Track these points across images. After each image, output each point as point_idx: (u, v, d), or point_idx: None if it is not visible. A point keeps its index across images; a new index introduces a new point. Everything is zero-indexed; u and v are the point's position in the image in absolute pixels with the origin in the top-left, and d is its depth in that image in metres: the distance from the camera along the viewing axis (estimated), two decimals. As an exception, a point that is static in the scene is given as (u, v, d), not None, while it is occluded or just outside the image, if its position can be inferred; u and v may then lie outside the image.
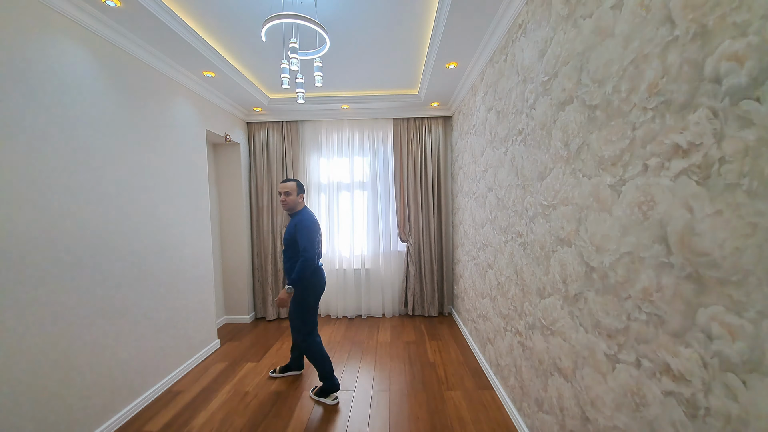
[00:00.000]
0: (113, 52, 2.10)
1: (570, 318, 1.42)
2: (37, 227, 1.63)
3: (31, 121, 1.61)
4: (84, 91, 1.90)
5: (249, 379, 2.57)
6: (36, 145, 1.63)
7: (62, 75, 1.77)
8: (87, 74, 1.92)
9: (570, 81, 1.39)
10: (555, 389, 1.56)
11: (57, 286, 1.72)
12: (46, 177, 1.68)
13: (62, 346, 1.74)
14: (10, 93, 1.53)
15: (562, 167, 1.45)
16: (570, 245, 1.40)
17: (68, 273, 1.77)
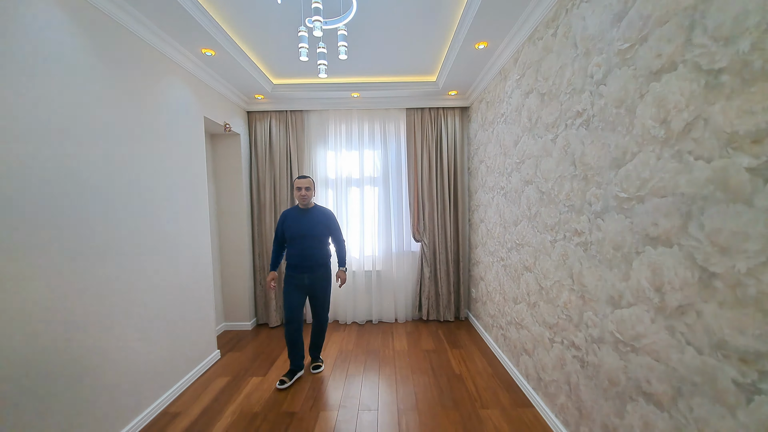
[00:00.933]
0: (96, 17, 1.77)
1: (669, 334, 1.16)
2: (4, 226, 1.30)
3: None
4: (64, 63, 1.57)
5: (256, 397, 2.26)
6: (3, 127, 1.31)
7: (35, 39, 1.44)
8: (66, 41, 1.59)
9: (671, 43, 1.13)
10: (638, 417, 1.30)
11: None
12: (12, 163, 1.35)
13: (36, 367, 1.41)
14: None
15: (655, 150, 1.20)
16: (670, 245, 1.14)
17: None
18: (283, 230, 2.49)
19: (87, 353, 1.66)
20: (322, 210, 2.54)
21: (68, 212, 1.58)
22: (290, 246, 2.47)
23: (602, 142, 1.47)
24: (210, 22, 2.16)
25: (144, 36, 2.07)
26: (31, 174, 1.42)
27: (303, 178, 2.47)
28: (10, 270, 1.33)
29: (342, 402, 2.20)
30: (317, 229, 2.46)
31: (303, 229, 2.44)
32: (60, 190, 1.54)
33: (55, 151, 1.52)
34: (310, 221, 2.46)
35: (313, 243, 2.45)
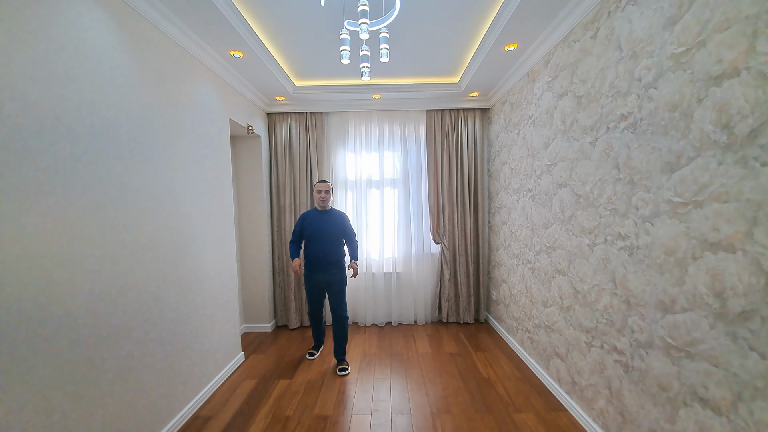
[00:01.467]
0: (134, 19, 1.76)
1: (730, 340, 1.15)
2: (51, 232, 1.30)
3: (38, 96, 1.28)
4: (104, 64, 1.57)
5: (286, 401, 2.26)
6: (46, 130, 1.31)
7: (78, 41, 1.44)
8: (107, 42, 1.59)
9: (733, 50, 1.12)
10: (693, 423, 1.29)
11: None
12: (60, 169, 1.35)
13: (79, 375, 1.41)
14: (16, 57, 1.20)
15: (716, 155, 1.19)
16: (733, 251, 1.13)
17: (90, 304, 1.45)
18: (302, 229, 2.73)
19: (127, 358, 1.65)
20: (338, 212, 2.80)
21: (110, 220, 1.58)
22: (308, 244, 2.72)
23: (652, 146, 1.46)
24: (242, 24, 2.16)
25: (177, 38, 2.07)
26: (76, 174, 1.42)
27: (323, 182, 2.73)
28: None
29: (374, 406, 2.19)
30: (333, 229, 2.69)
31: (321, 228, 2.67)
32: (103, 192, 1.54)
33: (98, 153, 1.52)
34: (328, 222, 2.69)
35: (329, 242, 2.67)
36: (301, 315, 3.62)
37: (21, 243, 1.19)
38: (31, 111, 1.25)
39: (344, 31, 1.63)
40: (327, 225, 2.68)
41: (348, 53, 1.64)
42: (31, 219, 1.24)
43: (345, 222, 2.78)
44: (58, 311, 1.33)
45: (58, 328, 1.33)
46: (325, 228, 2.68)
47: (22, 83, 1.22)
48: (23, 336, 1.20)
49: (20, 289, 1.19)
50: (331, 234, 2.68)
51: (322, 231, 2.67)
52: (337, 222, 2.72)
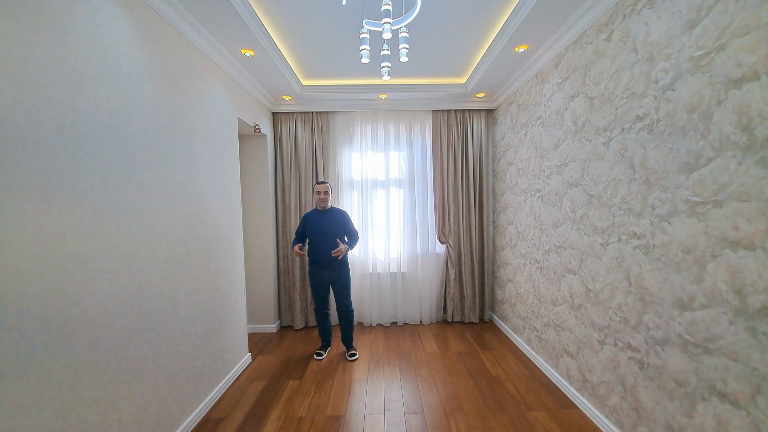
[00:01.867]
0: (149, 14, 1.74)
1: (749, 335, 1.18)
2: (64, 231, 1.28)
3: (58, 92, 1.25)
4: (121, 60, 1.54)
5: (298, 402, 2.24)
6: (66, 127, 1.28)
7: (96, 37, 1.42)
8: (124, 39, 1.57)
9: (753, 54, 1.15)
10: (711, 416, 1.32)
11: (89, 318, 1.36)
12: (80, 166, 1.33)
13: (96, 378, 1.39)
14: (36, 52, 1.18)
15: (735, 156, 1.22)
16: (753, 249, 1.16)
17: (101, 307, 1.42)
18: (305, 229, 2.88)
19: (142, 360, 1.63)
20: (338, 210, 2.93)
21: (126, 219, 1.55)
22: (311, 243, 2.86)
23: (669, 147, 1.49)
24: (256, 23, 2.15)
25: (190, 35, 2.05)
26: (94, 172, 1.40)
27: (321, 183, 2.86)
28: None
29: (386, 405, 2.19)
30: (335, 227, 2.83)
31: (323, 227, 2.82)
32: (121, 190, 1.52)
33: (116, 151, 1.49)
34: (329, 221, 2.84)
35: (331, 239, 2.79)
36: (306, 315, 3.60)
37: (41, 242, 1.17)
38: (52, 107, 1.22)
39: (364, 30, 1.63)
40: (328, 224, 2.82)
41: (368, 52, 1.64)
42: (51, 218, 1.21)
43: (345, 219, 2.90)
44: (77, 312, 1.30)
45: (76, 330, 1.30)
46: (327, 227, 2.81)
47: (43, 78, 1.20)
48: (42, 338, 1.17)
49: (41, 289, 1.17)
50: (333, 232, 2.81)
51: (323, 230, 2.81)
52: (337, 220, 2.85)
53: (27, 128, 1.13)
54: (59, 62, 1.26)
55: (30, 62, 1.16)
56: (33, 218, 1.14)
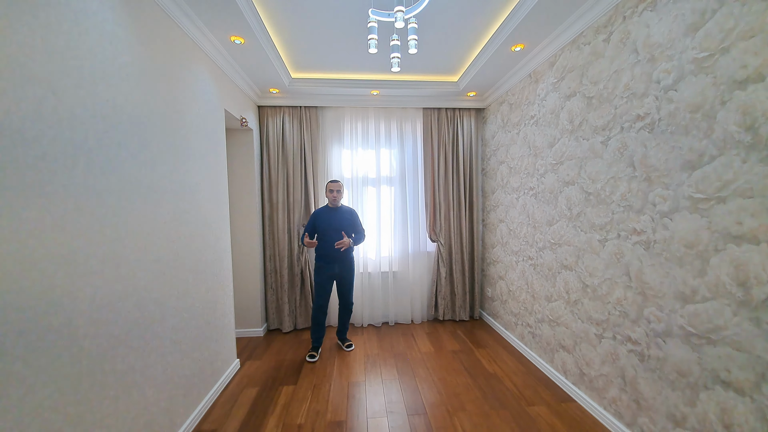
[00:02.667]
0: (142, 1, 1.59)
1: (754, 325, 1.24)
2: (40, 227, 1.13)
3: (37, 69, 1.10)
4: (105, 39, 1.39)
5: (295, 408, 2.14)
6: (46, 110, 1.13)
7: (79, 11, 1.27)
8: (107, 16, 1.41)
9: (758, 57, 1.21)
10: (715, 404, 1.37)
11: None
12: (60, 157, 1.18)
13: (80, 393, 1.24)
14: (17, 26, 1.02)
15: (740, 154, 1.27)
16: (757, 243, 1.22)
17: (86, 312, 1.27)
18: (315, 225, 2.87)
19: (129, 371, 1.48)
20: (348, 209, 2.98)
21: (111, 217, 1.40)
22: (322, 240, 2.85)
23: (671, 146, 1.54)
24: (249, 7, 2.02)
25: (179, 19, 1.90)
26: (76, 163, 1.25)
27: (335, 182, 2.89)
28: (65, 277, 1.15)
29: (388, 408, 2.14)
30: (345, 225, 2.87)
31: (333, 224, 2.84)
32: (105, 184, 1.37)
33: (99, 140, 1.34)
34: (339, 218, 2.87)
35: (341, 237, 2.83)
36: (295, 318, 3.47)
37: (19, 241, 1.02)
38: (30, 85, 1.07)
39: (371, 19, 1.57)
40: (338, 221, 2.86)
41: (375, 42, 1.58)
42: (30, 214, 1.06)
43: (354, 218, 2.98)
44: (58, 321, 1.15)
45: (58, 340, 1.15)
46: (337, 224, 2.85)
47: (21, 55, 1.04)
48: (21, 351, 1.02)
49: (19, 295, 1.02)
50: (343, 229, 2.86)
51: (333, 227, 2.84)
52: (347, 218, 2.91)
53: (2, 109, 0.98)
54: (40, 37, 1.11)
55: (9, 36, 1.00)
56: (8, 215, 0.99)
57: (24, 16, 1.06)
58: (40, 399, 1.08)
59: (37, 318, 1.08)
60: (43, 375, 1.09)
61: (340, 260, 2.87)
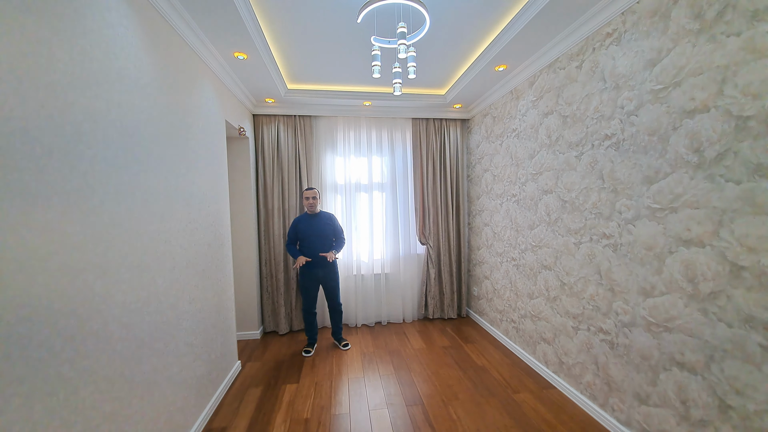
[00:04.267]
0: (154, 16, 1.69)
1: (702, 314, 1.49)
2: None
3: (77, 96, 1.20)
4: (130, 63, 1.49)
5: (300, 404, 2.27)
6: (85, 133, 1.24)
7: (109, 37, 1.37)
8: (132, 41, 1.51)
9: (704, 91, 1.46)
10: (673, 383, 1.63)
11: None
12: (97, 173, 1.28)
13: (114, 392, 1.34)
14: (58, 54, 1.13)
15: (688, 172, 1.53)
16: (703, 246, 1.47)
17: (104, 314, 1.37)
18: (296, 233, 3.07)
19: (152, 371, 1.58)
20: (327, 214, 3.16)
21: (137, 227, 1.50)
22: (304, 245, 3.03)
23: (633, 162, 1.79)
24: (255, 27, 2.14)
25: (188, 39, 2.00)
26: (109, 179, 1.35)
27: (310, 189, 3.08)
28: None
29: (387, 400, 2.30)
30: (325, 230, 3.07)
31: (314, 230, 3.04)
32: (131, 197, 1.47)
33: (127, 157, 1.44)
34: (319, 224, 3.06)
35: (323, 242, 3.03)
36: (290, 320, 3.58)
37: (65, 254, 1.12)
38: (71, 112, 1.17)
39: (375, 47, 1.74)
40: (318, 227, 3.05)
41: (379, 68, 1.75)
42: (74, 228, 1.16)
43: (334, 222, 3.16)
44: (97, 325, 1.26)
45: (97, 344, 1.25)
46: (317, 230, 3.04)
47: (64, 81, 1.15)
48: (69, 354, 1.13)
49: (66, 303, 1.12)
50: (323, 234, 3.05)
51: (315, 232, 3.03)
52: (327, 223, 3.09)
53: (50, 134, 1.08)
54: (78, 65, 1.21)
55: (53, 64, 1.11)
56: (57, 228, 1.09)
57: (64, 45, 1.16)
58: (83, 398, 1.18)
59: (81, 324, 1.18)
60: (86, 376, 1.19)
61: (322, 264, 3.04)
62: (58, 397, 1.08)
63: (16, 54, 0.98)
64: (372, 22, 2.15)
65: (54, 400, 1.07)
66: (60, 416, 1.09)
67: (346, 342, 3.21)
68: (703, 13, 1.46)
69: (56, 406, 1.08)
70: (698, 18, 1.48)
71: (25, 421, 0.96)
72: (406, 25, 1.59)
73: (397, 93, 1.87)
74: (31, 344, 0.99)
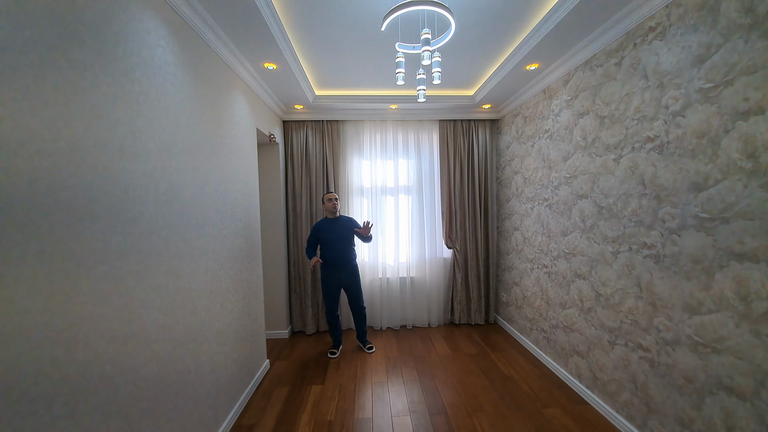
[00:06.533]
0: (189, 33, 1.79)
1: (754, 336, 1.35)
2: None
3: (120, 115, 1.30)
4: (167, 81, 1.59)
5: (324, 406, 2.32)
6: (126, 144, 1.33)
7: (148, 58, 1.46)
8: (170, 59, 1.61)
9: (759, 91, 1.32)
10: (719, 408, 1.49)
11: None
12: (137, 187, 1.38)
13: (150, 391, 1.43)
14: (101, 77, 1.22)
15: (741, 179, 1.38)
16: (757, 261, 1.33)
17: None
18: (318, 237, 3.09)
19: (185, 371, 1.68)
20: (347, 218, 3.18)
21: (172, 235, 1.60)
22: (326, 249, 3.06)
23: (679, 167, 1.65)
24: (283, 38, 2.21)
25: (220, 51, 2.10)
26: (148, 193, 1.45)
27: (330, 193, 3.12)
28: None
29: (410, 407, 2.29)
30: (346, 233, 3.08)
31: (335, 234, 3.05)
32: (168, 208, 1.57)
33: (164, 171, 1.54)
34: (340, 227, 3.08)
35: (344, 245, 3.06)
36: (317, 320, 3.66)
37: (109, 261, 1.21)
38: (114, 130, 1.27)
39: (399, 54, 1.73)
40: (340, 230, 3.06)
41: (403, 75, 1.74)
42: (116, 238, 1.25)
43: (354, 224, 3.16)
44: (136, 328, 1.35)
45: (137, 346, 1.35)
46: (339, 233, 3.05)
47: (107, 102, 1.24)
48: (110, 355, 1.22)
49: (109, 308, 1.21)
50: (345, 237, 3.07)
51: (337, 236, 3.04)
52: (348, 226, 3.10)
53: (95, 153, 1.17)
54: (120, 86, 1.30)
55: (96, 86, 1.20)
56: (102, 239, 1.19)
57: (106, 67, 1.25)
58: (123, 396, 1.28)
59: (122, 327, 1.27)
60: (126, 375, 1.29)
61: (344, 269, 3.06)
62: (110, 410, 1.18)
63: (62, 80, 1.07)
64: (396, 28, 2.14)
65: (107, 411, 1.16)
66: (115, 427, 1.19)
67: (370, 345, 3.23)
68: (754, 7, 1.32)
69: (110, 414, 1.17)
70: (749, 12, 1.33)
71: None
72: (430, 32, 1.55)
73: (421, 100, 1.84)
74: (77, 346, 1.08)
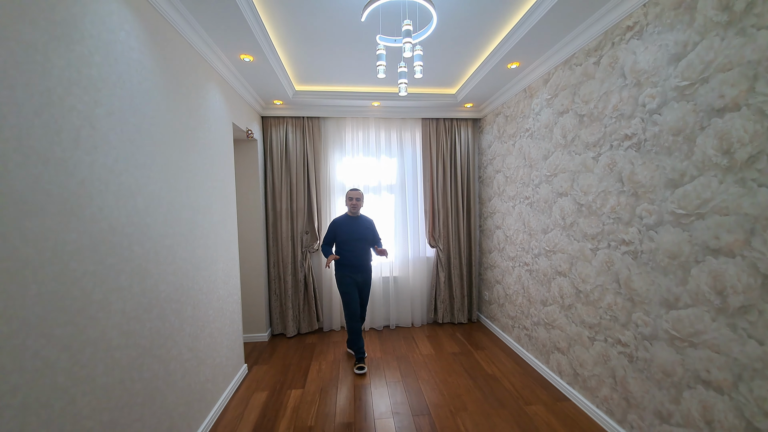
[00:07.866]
0: (156, 19, 1.67)
1: (730, 330, 1.37)
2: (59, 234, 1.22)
3: (75, 101, 1.19)
4: (131, 68, 1.48)
5: (304, 411, 2.24)
6: (83, 134, 1.22)
7: (109, 42, 1.35)
8: (134, 45, 1.50)
9: (734, 88, 1.34)
10: (697, 402, 1.51)
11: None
12: (95, 180, 1.27)
13: (113, 401, 1.32)
14: (54, 60, 1.11)
15: (717, 175, 1.41)
16: (733, 256, 1.36)
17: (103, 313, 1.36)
18: (335, 234, 2.88)
19: (153, 378, 1.56)
20: (367, 218, 2.98)
21: (139, 233, 1.49)
22: (343, 248, 2.85)
23: (656, 164, 1.67)
24: (260, 29, 2.11)
25: (193, 41, 1.99)
26: (108, 185, 1.34)
27: (355, 190, 2.90)
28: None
29: (393, 409, 2.24)
30: (366, 234, 2.89)
31: (355, 233, 2.85)
32: (133, 203, 1.45)
33: (127, 162, 1.43)
34: (360, 227, 2.88)
35: (363, 245, 2.88)
36: (298, 323, 3.56)
37: (61, 262, 1.10)
38: (69, 118, 1.16)
39: (380, 46, 1.68)
40: (360, 230, 2.87)
41: (384, 68, 1.69)
42: (71, 236, 1.15)
43: (374, 226, 3.00)
44: (95, 334, 1.24)
45: (95, 353, 1.24)
46: (359, 233, 2.86)
47: (60, 87, 1.13)
48: (64, 364, 1.11)
49: (62, 312, 1.10)
50: (364, 238, 2.88)
51: (357, 236, 2.85)
52: (368, 227, 2.93)
53: (47, 141, 1.07)
54: (75, 70, 1.19)
55: (48, 70, 1.09)
56: (53, 238, 1.08)
57: (60, 50, 1.14)
58: (79, 408, 1.17)
59: (77, 333, 1.16)
60: (83, 385, 1.18)
61: (362, 270, 2.88)
62: (53, 408, 1.07)
63: (10, 61, 0.96)
64: (377, 21, 2.10)
65: (49, 411, 1.05)
66: (56, 426, 1.08)
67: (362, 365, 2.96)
68: (731, 5, 1.34)
69: (52, 416, 1.06)
70: (726, 10, 1.36)
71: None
72: (411, 23, 1.51)
73: (402, 93, 1.80)
74: (25, 354, 0.97)
